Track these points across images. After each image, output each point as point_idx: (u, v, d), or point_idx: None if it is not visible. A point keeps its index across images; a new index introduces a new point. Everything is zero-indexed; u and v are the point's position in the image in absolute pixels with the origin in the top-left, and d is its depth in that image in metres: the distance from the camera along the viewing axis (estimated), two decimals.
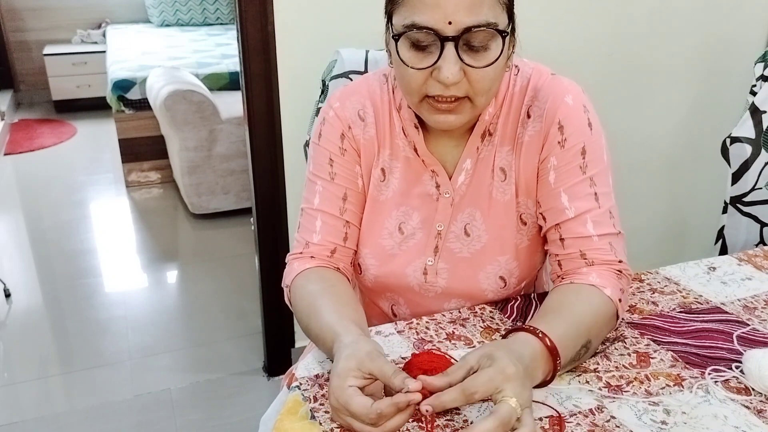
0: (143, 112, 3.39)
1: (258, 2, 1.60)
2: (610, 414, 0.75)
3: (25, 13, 4.71)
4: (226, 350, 2.21)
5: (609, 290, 0.86)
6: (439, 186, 0.96)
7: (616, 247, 0.89)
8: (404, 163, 0.97)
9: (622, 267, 0.89)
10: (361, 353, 0.72)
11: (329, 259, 0.97)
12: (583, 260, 0.89)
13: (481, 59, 0.81)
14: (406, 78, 0.84)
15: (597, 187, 0.89)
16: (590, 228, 0.89)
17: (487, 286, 0.98)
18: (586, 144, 0.89)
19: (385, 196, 0.98)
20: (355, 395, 0.69)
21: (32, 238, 2.97)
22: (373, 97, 0.98)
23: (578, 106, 0.90)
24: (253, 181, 1.82)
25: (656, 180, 2.25)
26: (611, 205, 0.91)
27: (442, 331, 0.91)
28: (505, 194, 0.94)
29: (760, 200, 1.47)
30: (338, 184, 0.97)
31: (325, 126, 0.98)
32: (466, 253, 0.97)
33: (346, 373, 0.71)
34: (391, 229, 0.98)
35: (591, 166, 0.89)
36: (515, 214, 0.95)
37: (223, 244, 2.94)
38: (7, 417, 1.90)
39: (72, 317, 2.38)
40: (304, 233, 0.98)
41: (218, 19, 5.05)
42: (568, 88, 0.91)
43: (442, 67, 0.80)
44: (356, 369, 0.71)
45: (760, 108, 1.43)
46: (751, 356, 0.81)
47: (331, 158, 0.97)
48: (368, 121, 0.97)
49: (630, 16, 1.95)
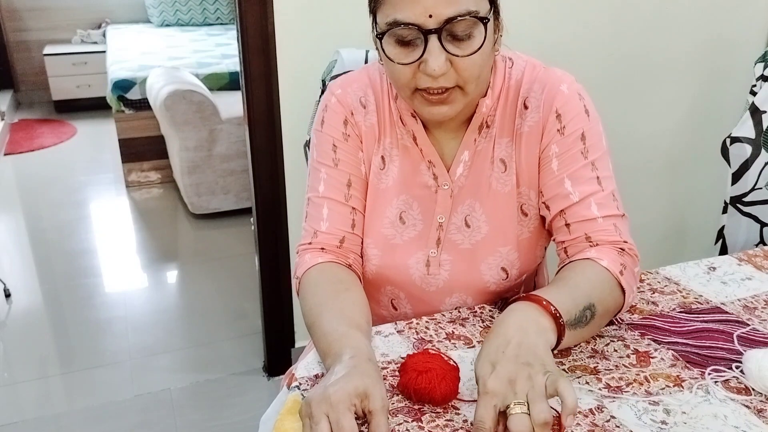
0: (143, 112, 3.39)
1: (258, 2, 1.60)
2: (610, 414, 0.75)
3: (25, 13, 4.71)
4: (226, 350, 2.21)
5: (606, 262, 0.86)
6: (436, 177, 0.97)
7: (621, 228, 0.90)
8: (403, 151, 0.98)
9: (626, 246, 0.90)
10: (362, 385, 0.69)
11: (339, 251, 0.97)
12: (588, 242, 0.90)
13: (466, 48, 0.82)
14: (396, 74, 0.85)
15: (599, 171, 0.91)
16: (595, 210, 0.90)
17: (489, 277, 0.97)
18: (585, 130, 0.91)
19: (384, 185, 0.99)
20: (351, 416, 0.66)
21: (32, 238, 2.97)
22: (373, 85, 0.99)
23: (573, 94, 0.91)
24: (253, 181, 1.82)
25: (656, 180, 2.25)
26: (614, 188, 0.92)
27: (442, 331, 0.91)
28: (505, 185, 0.95)
29: (760, 200, 1.47)
30: (342, 170, 0.97)
31: (327, 112, 0.98)
32: (468, 245, 0.97)
33: (354, 390, 0.68)
34: (392, 218, 0.99)
35: (592, 150, 0.91)
36: (516, 205, 0.96)
37: (223, 244, 2.95)
38: (7, 417, 1.90)
39: (72, 317, 2.38)
40: (312, 222, 0.98)
41: (218, 19, 5.05)
42: (562, 78, 0.92)
43: (428, 60, 0.81)
44: (358, 396, 0.68)
45: (760, 108, 1.43)
46: (751, 356, 0.81)
47: (335, 144, 0.97)
48: (369, 108, 0.98)
49: (630, 16, 1.95)
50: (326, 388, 0.68)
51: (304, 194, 1.01)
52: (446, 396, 0.74)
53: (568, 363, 0.84)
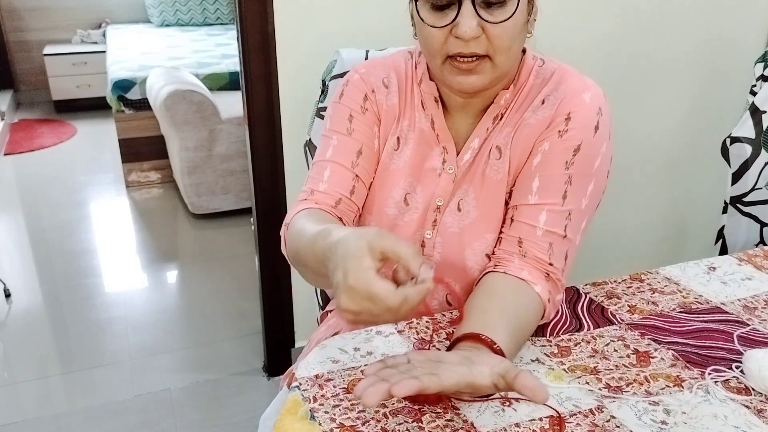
0: (143, 112, 3.39)
1: (258, 2, 1.60)
2: (610, 414, 0.75)
3: (25, 13, 4.71)
4: (226, 350, 2.21)
5: (539, 288, 0.87)
6: (444, 162, 0.97)
7: (554, 250, 0.89)
8: (419, 135, 0.98)
9: (550, 270, 0.89)
10: (370, 233, 0.67)
11: (333, 209, 0.95)
12: (519, 247, 0.90)
13: (499, 15, 0.83)
14: (429, 39, 0.87)
15: (572, 186, 0.89)
16: (541, 220, 0.89)
17: (473, 263, 0.97)
18: (583, 143, 0.89)
19: (396, 165, 0.99)
20: (377, 278, 0.64)
21: (32, 238, 2.97)
22: (397, 69, 1.01)
23: (593, 106, 0.90)
24: (253, 181, 1.82)
25: (656, 180, 2.25)
26: (577, 209, 0.90)
27: (442, 331, 0.91)
28: (498, 173, 0.95)
29: (760, 200, 1.47)
30: (355, 139, 0.98)
31: (348, 87, 1.00)
32: (456, 228, 0.97)
33: (361, 252, 0.65)
34: (397, 198, 0.99)
35: (577, 165, 0.90)
36: (504, 193, 0.95)
37: (223, 244, 2.95)
38: (7, 417, 1.90)
39: (72, 317, 2.38)
40: (311, 182, 0.97)
41: (218, 19, 5.05)
42: (589, 87, 0.92)
43: (460, 23, 0.83)
44: (369, 249, 0.65)
45: (760, 108, 1.43)
46: (751, 356, 0.81)
47: (351, 115, 0.98)
48: (392, 89, 0.99)
49: (630, 16, 1.95)
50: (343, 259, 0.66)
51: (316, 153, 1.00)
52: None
53: (569, 363, 0.84)
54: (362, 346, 0.87)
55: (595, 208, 0.94)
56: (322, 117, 1.20)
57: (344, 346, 0.87)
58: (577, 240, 0.92)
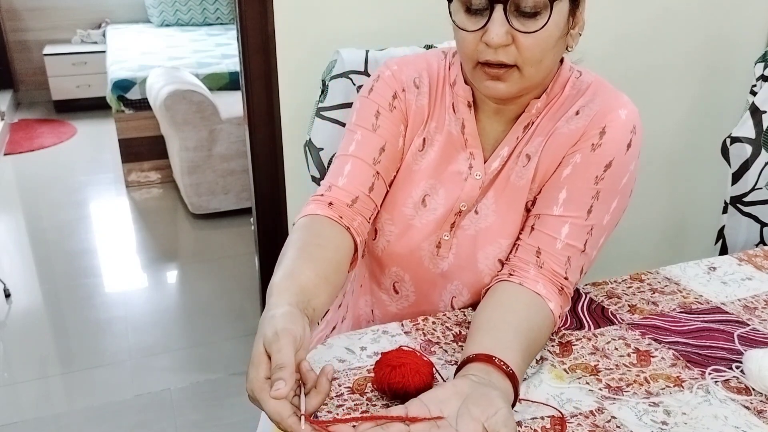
0: (143, 112, 3.39)
1: (258, 2, 1.60)
2: (611, 414, 0.75)
3: (25, 13, 4.71)
4: (226, 350, 2.21)
5: (553, 304, 0.86)
6: (471, 167, 0.96)
7: (572, 264, 0.89)
8: (446, 137, 0.97)
9: (564, 284, 0.88)
10: (268, 336, 0.67)
11: (347, 210, 0.93)
12: (536, 257, 0.89)
13: (530, 25, 0.82)
14: (461, 42, 0.87)
15: (598, 202, 0.89)
16: (563, 232, 0.88)
17: (485, 267, 0.96)
18: (615, 160, 0.89)
19: (419, 166, 0.98)
20: (268, 398, 0.64)
21: (32, 238, 2.97)
22: (430, 69, 0.99)
23: (628, 123, 0.89)
24: (253, 181, 1.82)
25: (656, 180, 2.25)
26: (599, 225, 0.89)
27: (449, 332, 0.91)
28: (521, 178, 0.94)
29: (760, 200, 1.47)
30: (379, 136, 0.96)
31: (378, 82, 0.99)
32: (472, 231, 0.97)
33: (258, 360, 0.66)
34: (416, 199, 0.98)
35: (606, 181, 0.89)
36: (525, 200, 0.94)
37: (223, 244, 2.95)
38: (7, 417, 1.90)
39: (72, 317, 2.38)
40: (330, 177, 0.96)
41: (218, 19, 5.05)
42: (626, 104, 0.90)
43: (489, 29, 0.82)
44: (267, 353, 0.66)
45: (760, 108, 1.43)
46: (752, 356, 0.81)
47: (379, 111, 0.97)
48: (422, 90, 0.98)
49: (630, 16, 1.95)
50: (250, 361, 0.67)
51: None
52: (420, 390, 0.73)
53: (569, 362, 0.84)
54: (369, 346, 0.87)
55: (614, 227, 0.93)
56: (323, 117, 1.20)
57: (351, 345, 0.87)
58: (593, 255, 0.92)
